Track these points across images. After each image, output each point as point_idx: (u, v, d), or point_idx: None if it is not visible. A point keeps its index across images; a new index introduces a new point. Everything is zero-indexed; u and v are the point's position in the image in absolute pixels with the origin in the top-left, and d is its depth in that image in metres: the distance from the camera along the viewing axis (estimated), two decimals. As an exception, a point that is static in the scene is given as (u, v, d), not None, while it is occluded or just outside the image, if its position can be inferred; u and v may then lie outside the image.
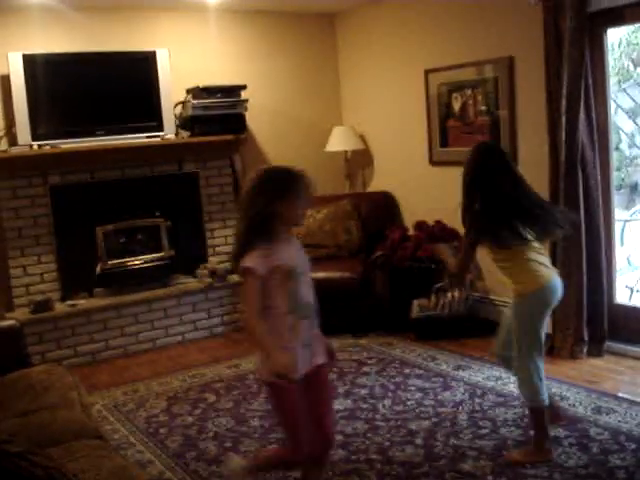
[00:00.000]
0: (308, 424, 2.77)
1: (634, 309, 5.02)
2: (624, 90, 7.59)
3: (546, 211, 3.39)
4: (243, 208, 2.76)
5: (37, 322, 5.22)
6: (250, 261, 2.65)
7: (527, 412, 3.63)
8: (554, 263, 4.72)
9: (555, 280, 3.39)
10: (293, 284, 2.72)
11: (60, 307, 5.40)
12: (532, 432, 3.50)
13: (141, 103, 5.62)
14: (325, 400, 2.92)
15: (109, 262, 5.64)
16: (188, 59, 5.89)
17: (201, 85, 5.70)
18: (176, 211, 5.89)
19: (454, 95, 5.59)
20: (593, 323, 4.73)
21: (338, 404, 4.25)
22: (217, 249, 6.12)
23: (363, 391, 4.44)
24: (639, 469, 3.25)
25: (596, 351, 4.73)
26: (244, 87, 5.90)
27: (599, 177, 4.67)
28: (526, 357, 3.38)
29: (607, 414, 3.83)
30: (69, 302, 5.44)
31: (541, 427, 3.42)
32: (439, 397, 4.26)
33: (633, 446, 3.46)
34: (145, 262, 5.80)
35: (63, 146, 5.28)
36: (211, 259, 6.03)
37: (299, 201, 2.71)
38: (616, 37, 6.25)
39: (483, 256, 5.46)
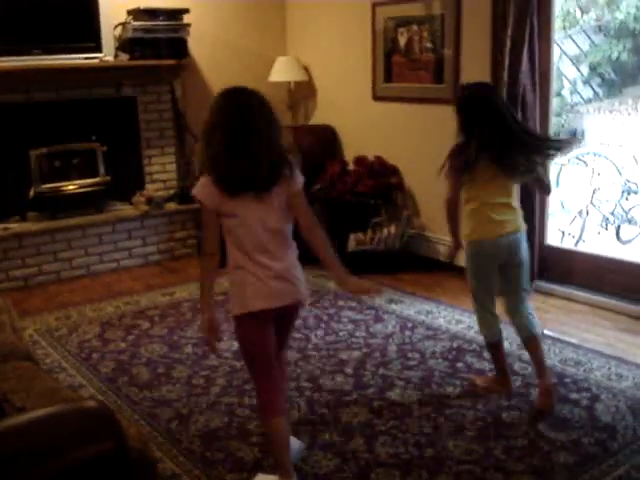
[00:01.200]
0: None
1: (564, 251, 5.18)
2: (570, 36, 7.65)
3: None
4: (252, 123, 2.56)
5: (-33, 245, 5.12)
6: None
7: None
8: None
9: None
10: None
11: (-9, 230, 5.29)
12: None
13: (80, 23, 5.41)
14: None
15: (43, 186, 5.50)
16: (129, -21, 5.69)
17: (142, 6, 5.53)
18: (113, 136, 5.76)
19: (400, 30, 5.55)
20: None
21: (272, 334, 4.31)
22: (154, 176, 6.03)
23: (297, 321, 4.48)
24: (559, 403, 3.40)
25: (525, 289, 4.87)
26: (187, 11, 5.74)
27: (538, 121, 4.72)
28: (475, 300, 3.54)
29: (531, 350, 3.97)
30: (1, 225, 5.31)
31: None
32: (370, 329, 4.35)
33: (555, 381, 3.60)
34: (80, 187, 5.67)
35: (-3, 64, 5.09)
36: (148, 186, 5.95)
37: None
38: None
39: (420, 193, 5.57)
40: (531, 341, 3.44)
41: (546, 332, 4.24)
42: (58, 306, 4.93)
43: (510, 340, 4.07)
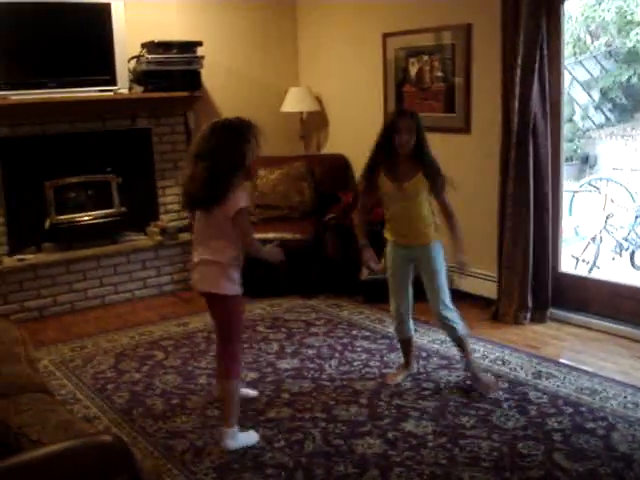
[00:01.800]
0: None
1: (578, 278, 5.16)
2: (580, 62, 7.69)
3: None
4: (206, 152, 3.13)
5: (-17, 276, 5.16)
6: (244, 202, 3.19)
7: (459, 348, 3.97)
8: (502, 230, 4.85)
9: None
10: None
11: (8, 261, 5.32)
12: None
13: (95, 56, 5.49)
14: None
15: (58, 217, 5.55)
16: (144, 13, 5.76)
17: (156, 40, 5.61)
18: (128, 167, 5.81)
19: (411, 60, 5.60)
20: (537, 290, 4.85)
21: (285, 363, 4.31)
22: (168, 207, 6.06)
23: (310, 351, 4.50)
24: (575, 432, 3.37)
25: (539, 318, 4.85)
26: (200, 44, 5.81)
27: (549, 148, 4.74)
28: (449, 297, 3.93)
29: (547, 379, 3.95)
30: (17, 256, 5.37)
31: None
32: (385, 359, 4.34)
33: (570, 410, 3.58)
34: (95, 218, 5.72)
35: (13, 97, 5.15)
36: (162, 217, 5.99)
37: (257, 150, 3.21)
38: (574, 9, 6.31)
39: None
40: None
41: (562, 361, 4.23)
42: (73, 337, 4.96)
43: (525, 369, 4.06)
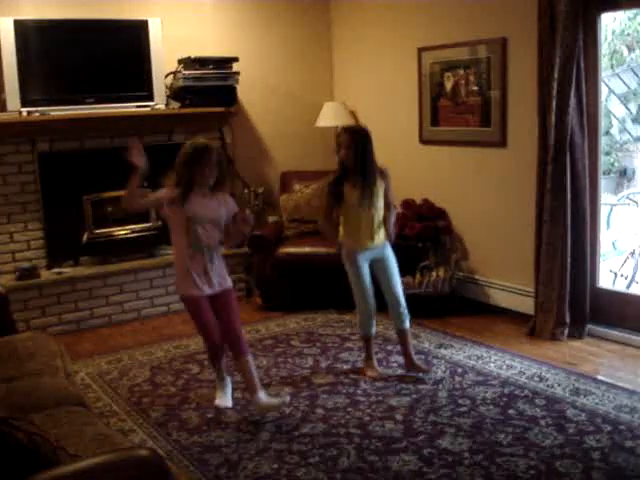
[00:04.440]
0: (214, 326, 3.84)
1: (616, 293, 5.08)
2: (617, 75, 7.60)
3: None
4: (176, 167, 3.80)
5: (22, 289, 5.23)
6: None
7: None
8: (539, 245, 4.80)
9: None
10: (194, 226, 3.68)
11: (46, 275, 5.40)
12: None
13: (132, 72, 5.57)
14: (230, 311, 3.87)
15: (96, 231, 5.63)
16: (180, 29, 5.84)
17: (193, 56, 5.67)
18: (164, 182, 5.86)
19: (446, 74, 5.59)
20: (575, 306, 4.78)
21: (320, 378, 4.30)
22: (204, 221, 6.11)
23: (345, 366, 4.48)
24: (614, 451, 3.31)
25: (577, 333, 4.79)
26: (236, 59, 5.86)
27: (587, 161, 4.69)
28: None
29: (585, 396, 3.89)
30: (55, 270, 5.45)
31: None
32: (420, 374, 4.31)
33: (609, 428, 3.52)
34: (132, 232, 5.79)
35: (52, 113, 5.24)
36: (198, 231, 6.02)
37: (205, 170, 3.71)
38: (611, 22, 6.25)
39: (469, 236, 5.54)
40: None
41: (600, 377, 4.16)
42: (109, 350, 5.00)
43: (562, 386, 4.01)
